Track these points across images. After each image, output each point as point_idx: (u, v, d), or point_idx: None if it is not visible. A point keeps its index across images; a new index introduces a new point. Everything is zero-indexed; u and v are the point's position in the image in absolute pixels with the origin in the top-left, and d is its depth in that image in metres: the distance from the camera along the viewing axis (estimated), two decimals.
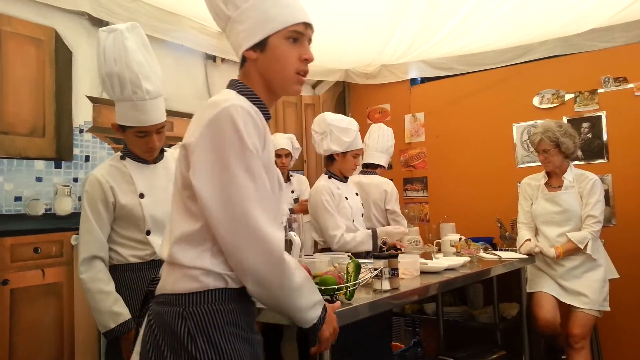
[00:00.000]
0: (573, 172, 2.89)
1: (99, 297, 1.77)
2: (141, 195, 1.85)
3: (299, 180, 3.73)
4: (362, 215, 2.93)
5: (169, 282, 1.14)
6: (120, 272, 1.86)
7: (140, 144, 1.86)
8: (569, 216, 2.82)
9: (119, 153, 1.96)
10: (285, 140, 3.51)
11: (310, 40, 1.26)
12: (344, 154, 2.85)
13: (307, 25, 1.24)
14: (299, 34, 1.22)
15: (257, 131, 1.12)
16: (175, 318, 1.09)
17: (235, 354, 1.10)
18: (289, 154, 3.52)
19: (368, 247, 2.69)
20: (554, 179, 2.94)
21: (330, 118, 2.85)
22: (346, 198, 2.82)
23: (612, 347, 3.16)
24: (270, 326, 1.79)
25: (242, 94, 1.20)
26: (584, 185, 2.82)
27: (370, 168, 3.29)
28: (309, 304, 1.20)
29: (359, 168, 3.23)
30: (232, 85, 1.24)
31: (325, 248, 2.79)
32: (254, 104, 1.18)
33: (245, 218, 1.08)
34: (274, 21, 1.19)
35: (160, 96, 1.84)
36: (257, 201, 1.09)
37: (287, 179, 3.60)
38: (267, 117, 1.24)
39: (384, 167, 3.41)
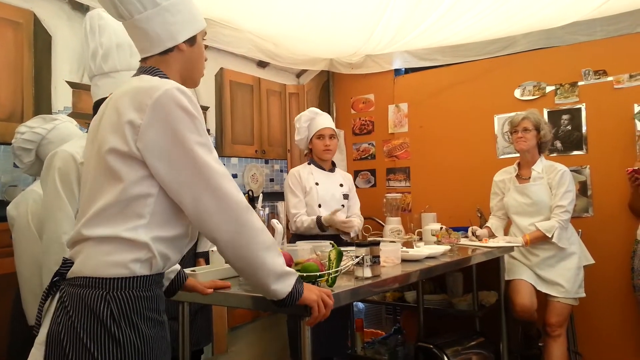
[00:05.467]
0: (543, 164, 2.96)
1: None
2: None
3: None
4: (343, 205, 2.97)
5: (90, 265, 1.15)
6: None
7: None
8: (538, 208, 2.89)
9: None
10: None
11: None
12: (310, 140, 3.04)
13: None
14: (205, 36, 1.40)
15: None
16: (98, 301, 1.11)
17: (153, 339, 1.16)
18: None
19: (317, 231, 2.87)
20: (524, 170, 3.01)
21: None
22: (316, 184, 2.90)
23: (587, 333, 3.24)
24: None
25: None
26: (552, 176, 2.88)
27: None
28: (279, 269, 1.25)
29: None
30: (151, 71, 1.28)
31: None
32: None
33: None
34: (198, 20, 1.35)
35: None
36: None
37: None
38: None
39: None
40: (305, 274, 1.50)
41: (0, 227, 2.21)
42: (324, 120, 3.02)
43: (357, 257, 1.75)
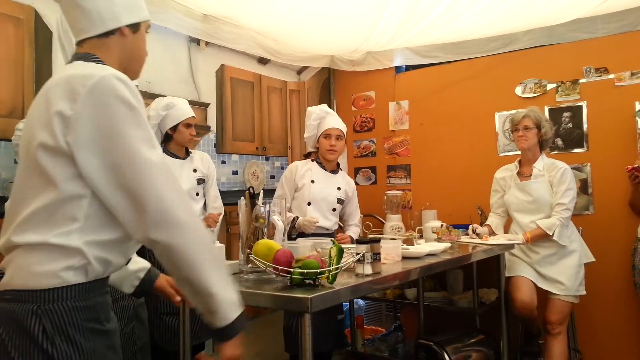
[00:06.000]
0: (544, 161, 2.95)
1: None
2: None
3: (202, 157, 3.11)
4: (334, 209, 2.95)
5: (19, 277, 1.04)
6: None
7: None
8: (539, 205, 2.89)
9: None
10: (190, 108, 2.94)
11: None
12: (318, 139, 3.00)
13: None
14: (149, 29, 1.31)
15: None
16: (28, 316, 1.01)
17: (94, 351, 1.06)
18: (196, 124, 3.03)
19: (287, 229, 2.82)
20: (525, 168, 3.00)
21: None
22: (312, 181, 2.89)
23: (588, 330, 3.25)
24: None
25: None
26: (554, 174, 2.88)
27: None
28: (228, 292, 1.13)
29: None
30: (86, 58, 1.17)
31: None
32: None
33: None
34: (143, 10, 1.27)
35: None
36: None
37: (187, 154, 3.01)
38: None
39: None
40: (306, 271, 1.51)
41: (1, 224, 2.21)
42: (333, 121, 2.99)
43: (357, 254, 1.75)
